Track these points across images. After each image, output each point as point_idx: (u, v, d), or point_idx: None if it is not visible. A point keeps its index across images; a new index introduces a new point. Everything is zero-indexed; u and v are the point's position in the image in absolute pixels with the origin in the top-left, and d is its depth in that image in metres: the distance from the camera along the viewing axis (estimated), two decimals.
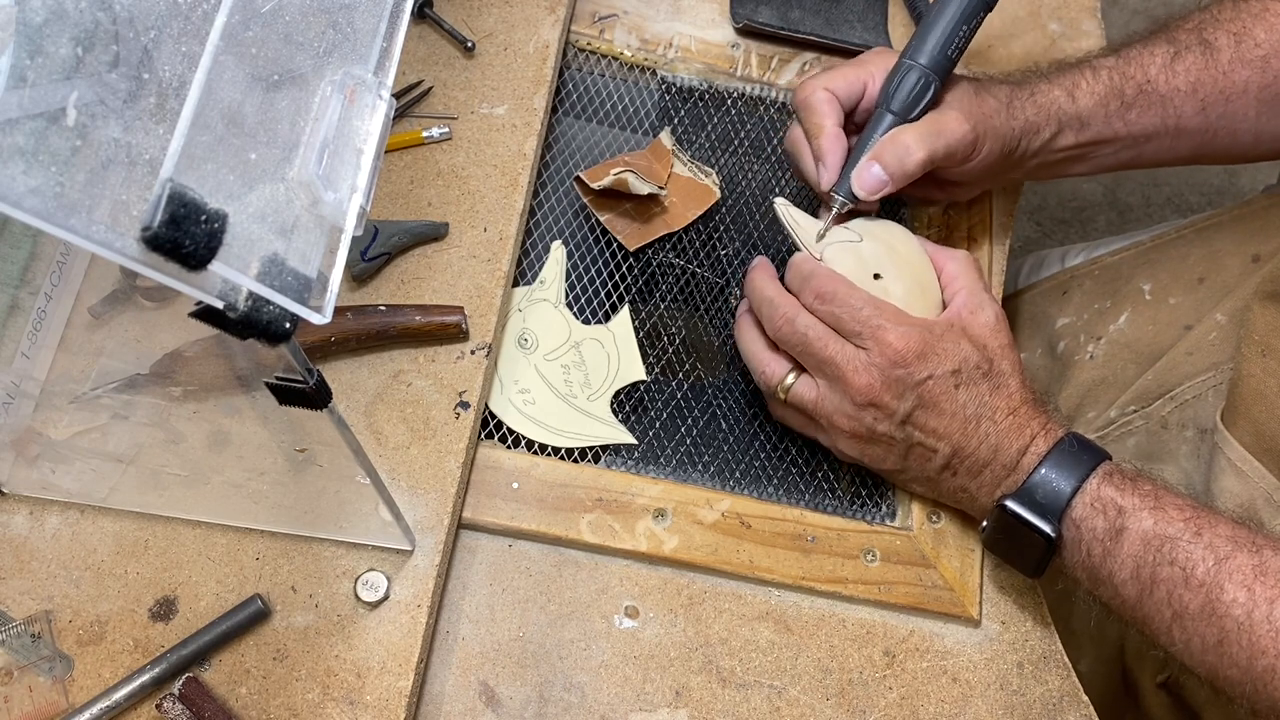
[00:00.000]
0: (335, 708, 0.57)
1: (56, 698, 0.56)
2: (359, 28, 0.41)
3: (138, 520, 0.60)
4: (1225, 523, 0.57)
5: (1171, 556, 0.56)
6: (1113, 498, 0.58)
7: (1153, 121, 0.71)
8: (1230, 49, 0.70)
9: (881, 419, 0.62)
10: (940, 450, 0.62)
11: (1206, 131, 0.72)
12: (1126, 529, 0.58)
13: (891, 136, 0.66)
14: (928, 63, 0.67)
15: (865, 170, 0.66)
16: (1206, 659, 0.56)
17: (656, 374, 0.72)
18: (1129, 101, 0.70)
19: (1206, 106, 0.71)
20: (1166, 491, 0.59)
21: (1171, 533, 0.57)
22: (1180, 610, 0.56)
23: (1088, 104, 0.70)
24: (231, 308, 0.34)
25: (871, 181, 0.66)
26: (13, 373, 0.56)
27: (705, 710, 0.62)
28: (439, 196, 0.71)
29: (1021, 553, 0.61)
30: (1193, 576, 0.56)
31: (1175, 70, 0.70)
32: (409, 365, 0.65)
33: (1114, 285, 0.85)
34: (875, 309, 0.62)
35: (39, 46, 0.31)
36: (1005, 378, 0.62)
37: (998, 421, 0.61)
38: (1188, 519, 0.57)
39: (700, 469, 0.69)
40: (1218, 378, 0.73)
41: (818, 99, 0.68)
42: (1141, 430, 0.77)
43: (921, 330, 0.61)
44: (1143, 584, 0.57)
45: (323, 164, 0.37)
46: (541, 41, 0.76)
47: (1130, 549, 0.57)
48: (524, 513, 0.65)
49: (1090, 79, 0.70)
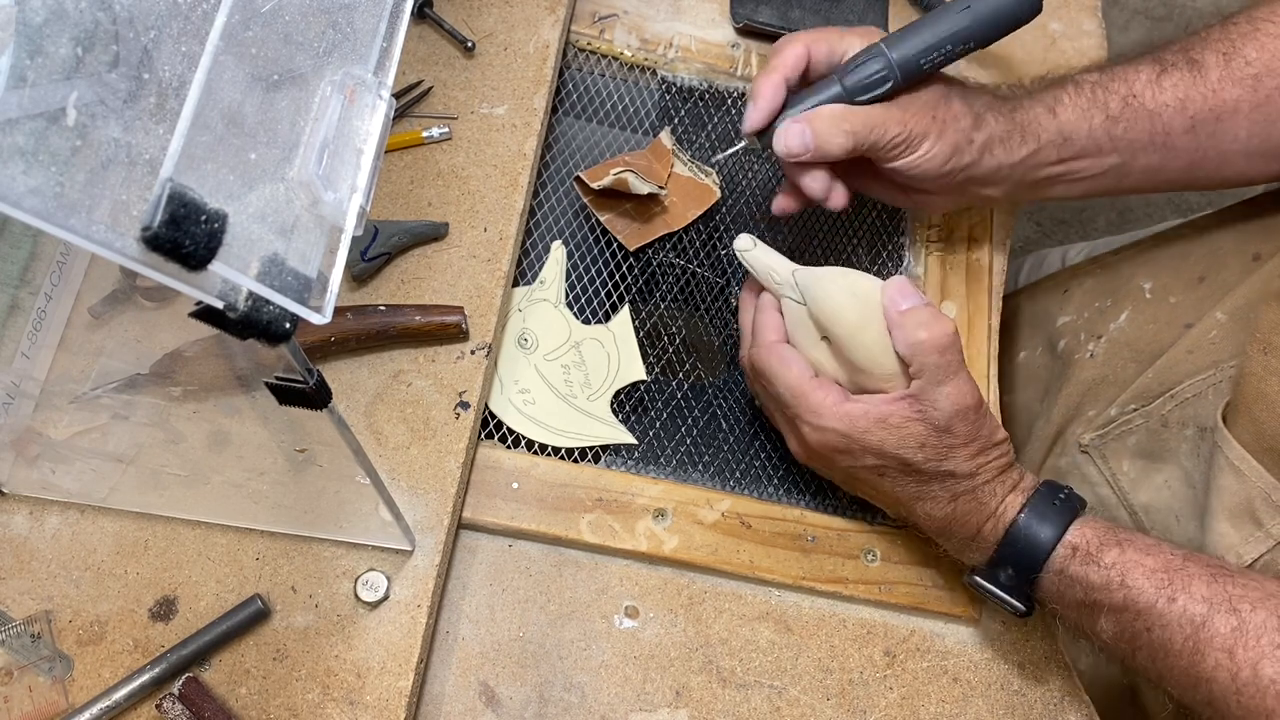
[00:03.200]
0: (335, 708, 0.57)
1: (56, 698, 0.56)
2: (359, 28, 0.41)
3: (138, 520, 0.60)
4: (1201, 578, 0.57)
5: (1147, 625, 0.57)
6: (1079, 575, 0.59)
7: (1140, 136, 0.69)
8: (1219, 67, 0.68)
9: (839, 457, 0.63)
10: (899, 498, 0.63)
11: (1197, 151, 0.70)
12: (1098, 603, 0.58)
13: (831, 110, 0.65)
14: (898, 60, 0.65)
15: (792, 128, 0.65)
16: (1201, 711, 0.57)
17: (656, 374, 0.72)
18: (1114, 115, 0.69)
19: (1196, 124, 0.69)
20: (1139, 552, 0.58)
21: (1145, 603, 0.57)
22: (1165, 673, 0.57)
23: (1070, 118, 0.69)
24: (231, 308, 0.34)
25: (795, 142, 0.65)
26: (13, 373, 0.56)
27: (705, 710, 0.62)
28: (439, 196, 0.71)
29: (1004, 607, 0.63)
30: (1171, 648, 0.56)
31: (1162, 85, 0.69)
32: (409, 365, 0.65)
33: (1114, 284, 0.85)
34: (794, 397, 0.61)
35: (39, 46, 0.31)
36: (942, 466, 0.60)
37: (940, 504, 0.61)
38: (1160, 585, 0.57)
39: (700, 469, 0.69)
40: (1218, 376, 0.73)
41: (788, 51, 0.67)
42: (1142, 429, 0.77)
43: (842, 426, 0.60)
44: (1124, 649, 0.59)
45: (323, 164, 0.37)
46: (541, 41, 0.76)
47: (1107, 620, 0.58)
48: (524, 513, 0.65)
49: (1073, 93, 0.69)
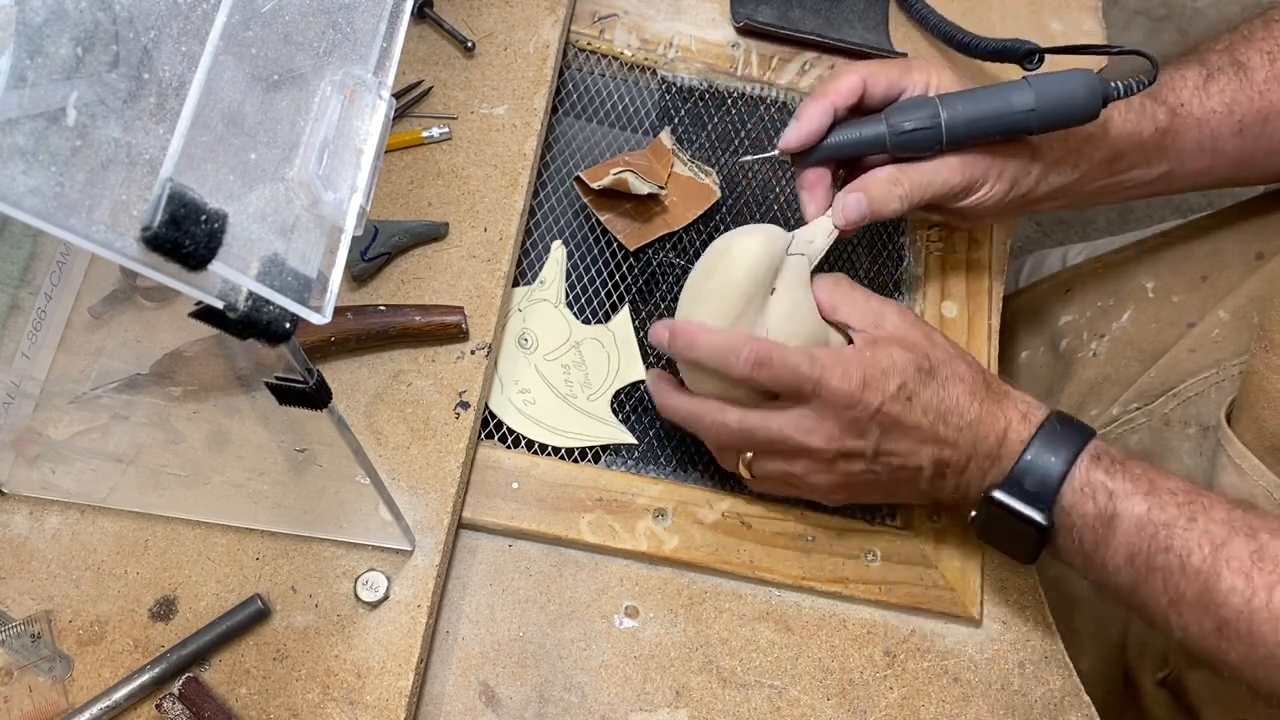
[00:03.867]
0: (335, 708, 0.57)
1: (56, 698, 0.56)
2: (359, 28, 0.41)
3: (138, 520, 0.60)
4: (1221, 505, 0.56)
5: (1167, 543, 0.55)
6: (1103, 482, 0.57)
7: (1189, 145, 0.70)
8: (1264, 68, 0.69)
9: (855, 461, 0.61)
10: (922, 466, 0.61)
11: (1244, 152, 0.70)
12: (1119, 514, 0.57)
13: (887, 175, 0.64)
14: (948, 123, 0.64)
15: (849, 200, 0.64)
16: (1206, 644, 0.55)
17: None
18: (1163, 127, 0.69)
19: (1244, 128, 0.69)
20: (1159, 473, 0.58)
21: (1165, 518, 0.56)
22: (1177, 597, 0.55)
23: (1120, 133, 0.68)
24: (231, 308, 0.34)
25: (853, 213, 0.64)
26: (13, 373, 0.56)
27: (705, 710, 0.62)
28: (439, 196, 0.71)
29: (1014, 541, 0.61)
30: (1188, 564, 0.55)
31: (1209, 91, 0.69)
32: (409, 365, 0.65)
33: (1117, 283, 0.85)
34: (811, 361, 0.60)
35: (39, 46, 0.31)
36: (948, 365, 0.61)
37: (964, 413, 0.60)
38: (1181, 504, 0.56)
39: (700, 469, 0.69)
40: (1220, 375, 0.73)
41: (844, 81, 0.66)
42: (1144, 428, 0.77)
43: (856, 360, 0.59)
44: (1138, 571, 0.56)
45: (323, 164, 0.37)
46: (541, 41, 0.76)
47: (1124, 535, 0.57)
48: (524, 513, 0.65)
49: (1123, 109, 0.68)
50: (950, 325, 0.76)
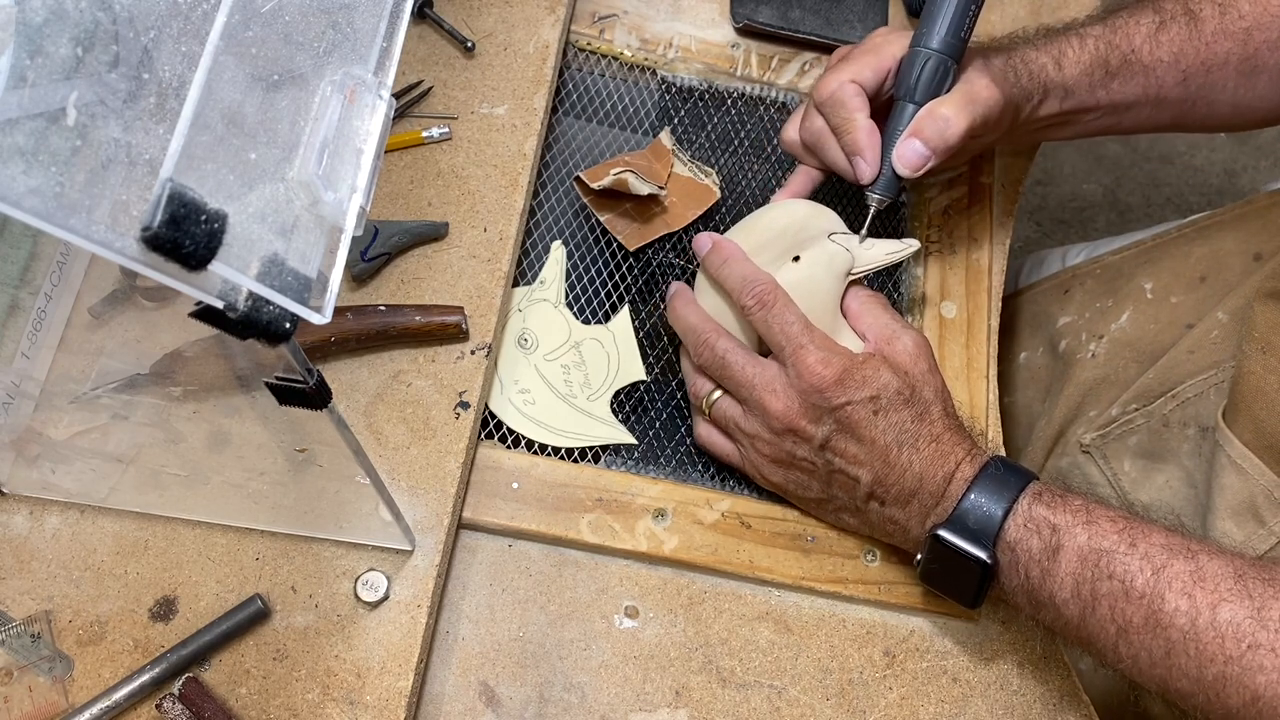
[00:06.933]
0: (335, 708, 0.57)
1: (56, 698, 0.56)
2: (359, 28, 0.41)
3: (138, 520, 0.60)
4: (1159, 531, 0.57)
5: (1109, 570, 0.56)
6: (1045, 516, 0.58)
7: (1135, 91, 0.72)
8: (1214, 20, 0.71)
9: (800, 444, 0.62)
10: (862, 478, 0.61)
11: (1186, 101, 0.73)
12: (1062, 546, 0.57)
13: (929, 110, 0.66)
14: (941, 47, 0.66)
15: (906, 147, 0.66)
16: (1155, 672, 0.55)
17: (656, 374, 0.72)
18: (1113, 71, 0.71)
19: (1188, 77, 0.71)
20: (1097, 505, 0.58)
21: (1107, 545, 0.56)
22: (1124, 625, 0.55)
23: (1073, 73, 0.70)
24: (231, 308, 0.34)
25: (914, 157, 0.66)
26: (13, 373, 0.56)
27: (705, 710, 0.62)
28: (439, 196, 0.71)
29: (958, 582, 0.60)
30: (1132, 589, 0.55)
31: (1159, 40, 0.71)
32: (409, 365, 0.65)
33: (1116, 284, 0.85)
34: (805, 328, 0.61)
35: (39, 46, 0.31)
36: (927, 405, 0.61)
37: (920, 449, 0.60)
38: (1121, 530, 0.56)
39: (700, 469, 0.69)
40: (1219, 376, 0.73)
41: (846, 93, 0.67)
42: (1143, 429, 0.77)
43: (844, 358, 0.61)
44: (1084, 602, 0.56)
45: (323, 164, 0.37)
46: (541, 41, 0.76)
47: (1068, 566, 0.57)
48: (524, 513, 0.65)
49: (1077, 48, 0.71)
50: (950, 325, 0.76)
